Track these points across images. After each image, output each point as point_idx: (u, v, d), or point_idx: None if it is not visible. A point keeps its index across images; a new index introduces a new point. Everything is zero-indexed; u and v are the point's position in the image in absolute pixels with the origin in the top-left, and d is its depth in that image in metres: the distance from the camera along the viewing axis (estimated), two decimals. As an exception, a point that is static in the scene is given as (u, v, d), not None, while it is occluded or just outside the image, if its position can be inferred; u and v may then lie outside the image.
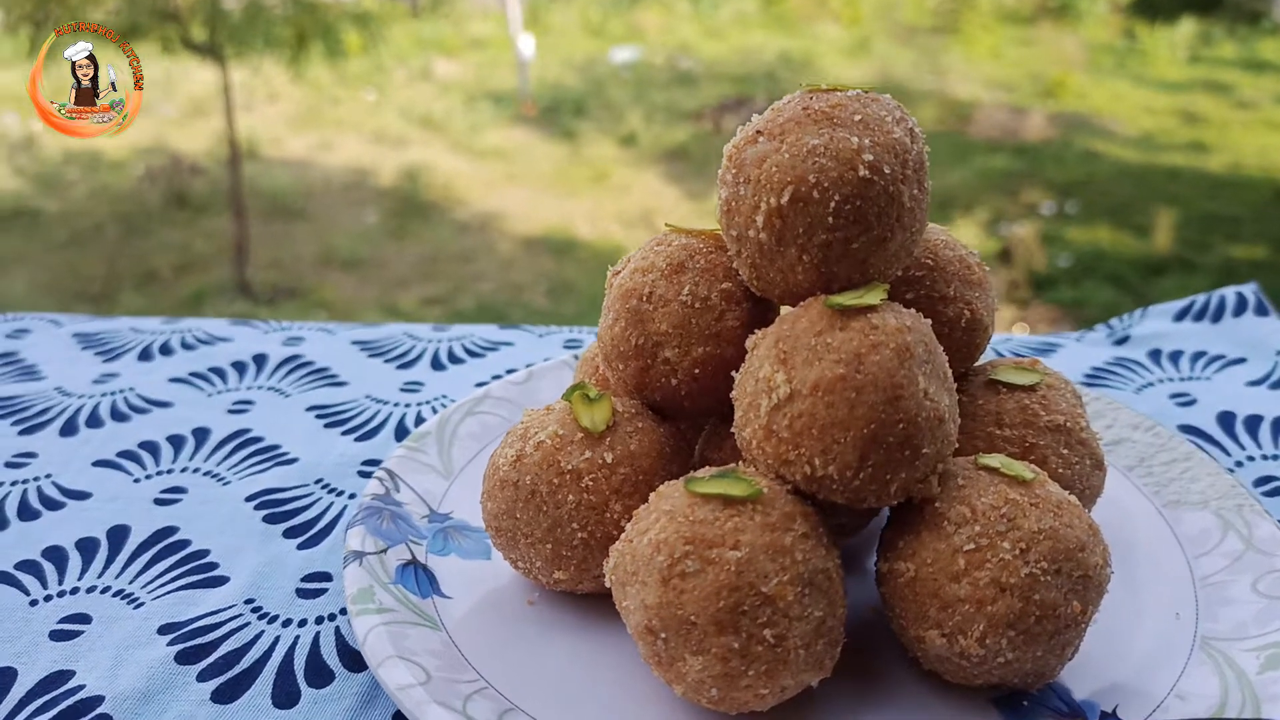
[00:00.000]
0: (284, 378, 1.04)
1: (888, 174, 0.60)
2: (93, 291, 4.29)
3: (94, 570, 0.76)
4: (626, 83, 7.00)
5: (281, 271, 4.62)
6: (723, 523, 0.58)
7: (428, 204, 5.19)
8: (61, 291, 4.25)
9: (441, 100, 6.74)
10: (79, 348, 1.10)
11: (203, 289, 4.41)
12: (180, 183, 5.35)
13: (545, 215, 4.94)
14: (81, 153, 5.58)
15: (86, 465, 0.89)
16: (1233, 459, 0.89)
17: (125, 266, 4.53)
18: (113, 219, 4.99)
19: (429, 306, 4.16)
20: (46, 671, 0.66)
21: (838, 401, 0.58)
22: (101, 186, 5.34)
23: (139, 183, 5.43)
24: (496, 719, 0.59)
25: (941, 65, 7.38)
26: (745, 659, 0.56)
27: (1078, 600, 0.58)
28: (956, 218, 4.84)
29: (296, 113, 6.48)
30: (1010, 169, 5.50)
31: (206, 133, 5.78)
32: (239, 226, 4.71)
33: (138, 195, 5.30)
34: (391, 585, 0.69)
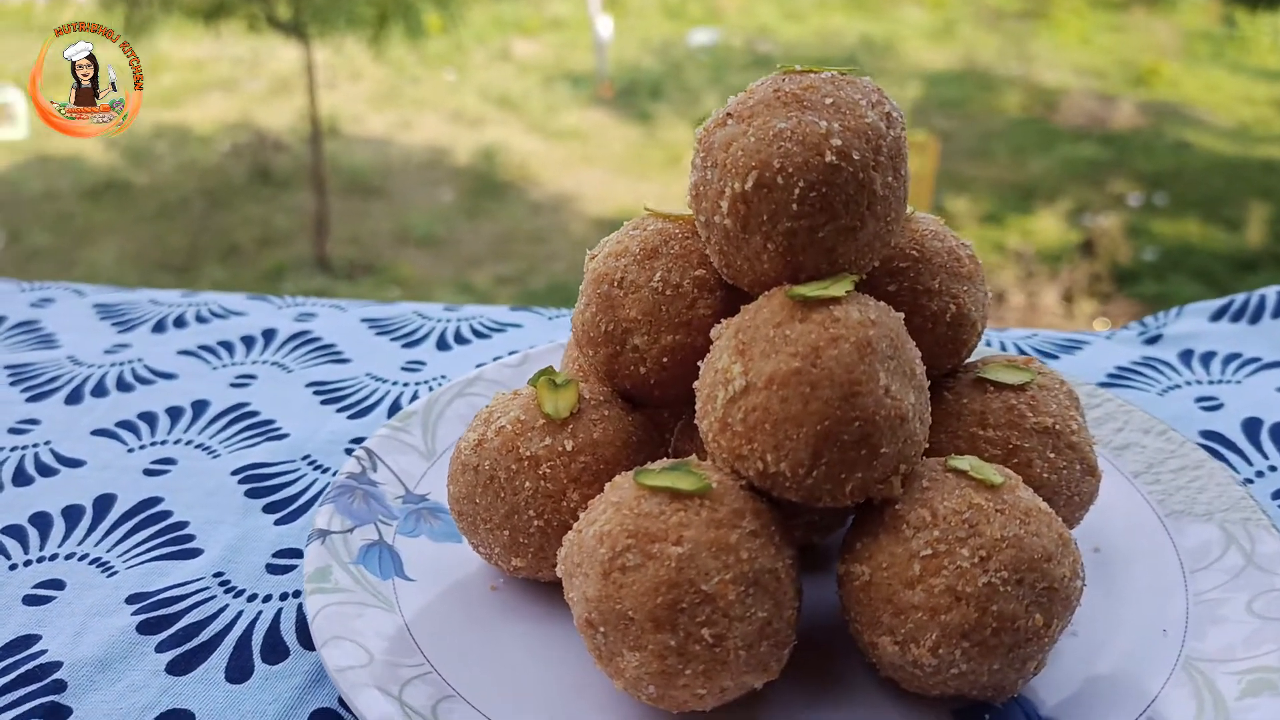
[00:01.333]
0: (290, 353, 1.05)
1: (857, 160, 0.58)
2: (177, 263, 4.40)
3: (75, 538, 0.77)
4: (704, 65, 6.94)
5: (359, 248, 4.70)
6: (668, 517, 0.56)
7: (503, 184, 5.22)
8: (147, 262, 4.37)
9: (519, 81, 6.77)
10: (98, 318, 1.12)
11: (283, 263, 4.50)
12: (264, 158, 5.45)
13: (618, 197, 4.93)
14: (171, 127, 5.72)
15: (86, 434, 0.90)
16: (1254, 468, 0.84)
17: (209, 239, 4.64)
18: (198, 193, 5.12)
19: (502, 285, 4.19)
20: (14, 635, 0.67)
21: (792, 396, 0.55)
22: (189, 161, 5.47)
23: (224, 158, 5.55)
24: (432, 705, 0.58)
25: (1028, 51, 7.17)
26: (682, 658, 0.54)
27: (1040, 613, 0.55)
28: (1038, 208, 4.71)
29: (377, 91, 6.56)
30: (1097, 158, 5.32)
31: (290, 110, 5.89)
32: (319, 202, 4.79)
33: (223, 170, 5.43)
34: (352, 565, 0.69)
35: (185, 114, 5.96)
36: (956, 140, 5.63)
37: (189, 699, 0.62)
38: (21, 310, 1.13)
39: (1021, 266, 4.22)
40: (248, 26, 5.24)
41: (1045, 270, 4.15)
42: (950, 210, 4.73)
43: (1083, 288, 4.08)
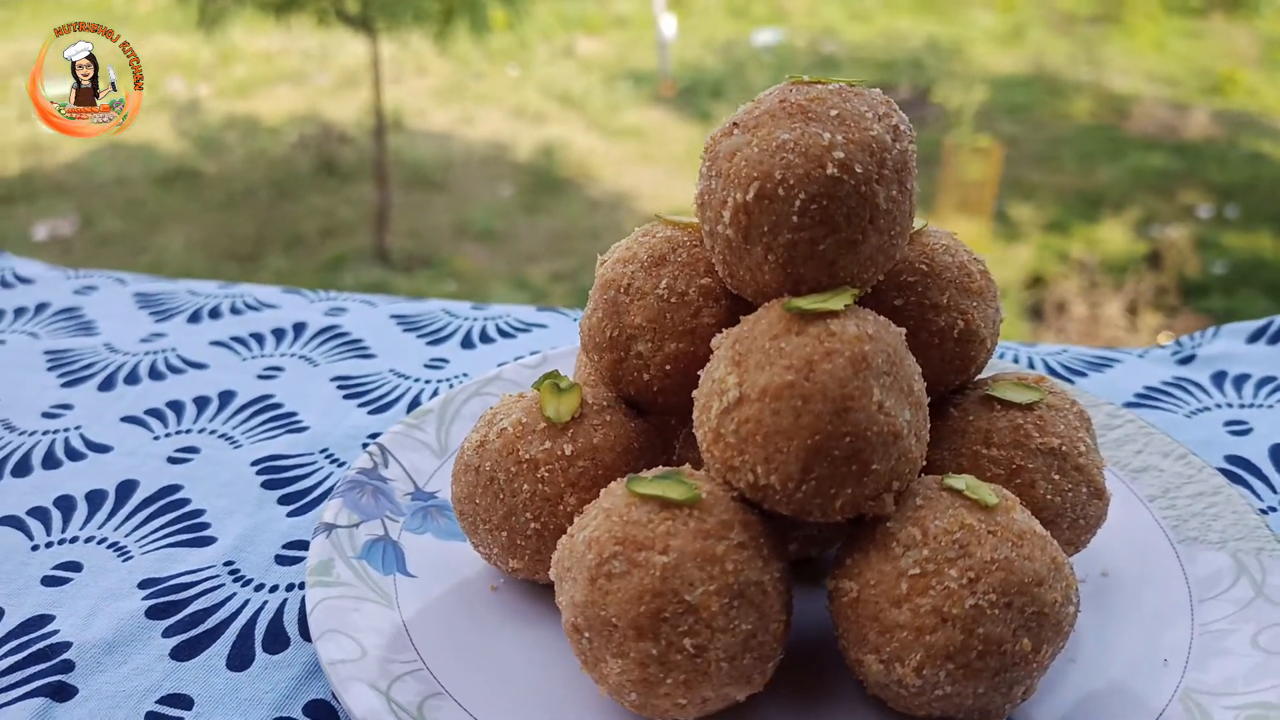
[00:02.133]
0: (317, 347, 1.07)
1: (859, 173, 0.57)
2: (243, 252, 4.49)
3: (95, 522, 0.79)
4: (767, 65, 6.90)
5: (418, 241, 4.75)
6: (656, 525, 0.56)
7: (562, 180, 5.25)
8: (214, 250, 4.45)
9: (581, 78, 6.79)
10: (137, 307, 1.15)
11: (343, 254, 4.56)
12: (329, 150, 5.53)
13: (675, 196, 4.92)
14: (241, 118, 5.83)
15: (115, 420, 0.93)
16: (1278, 496, 0.82)
17: (273, 229, 4.72)
18: (265, 183, 5.21)
19: (557, 281, 4.21)
20: (30, 614, 0.70)
21: (784, 409, 0.55)
22: (258, 151, 5.57)
23: (291, 149, 5.64)
24: (419, 702, 0.59)
25: (1100, 56, 7.02)
26: (664, 667, 0.55)
27: (1029, 638, 0.55)
28: (1105, 217, 4.61)
29: (442, 86, 6.63)
30: (1167, 168, 5.19)
31: (356, 103, 5.97)
32: (381, 195, 4.85)
33: (289, 161, 5.51)
34: (355, 560, 0.70)
35: (255, 105, 6.07)
36: (1022, 146, 5.53)
37: (190, 684, 0.64)
38: (65, 297, 1.17)
39: (1085, 276, 4.14)
40: (317, 20, 5.31)
41: (1109, 281, 4.07)
42: (1013, 217, 4.65)
43: (1147, 300, 3.99)
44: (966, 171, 5.11)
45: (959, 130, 5.64)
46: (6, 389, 0.98)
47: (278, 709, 0.62)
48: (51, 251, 4.01)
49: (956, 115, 5.88)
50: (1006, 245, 4.41)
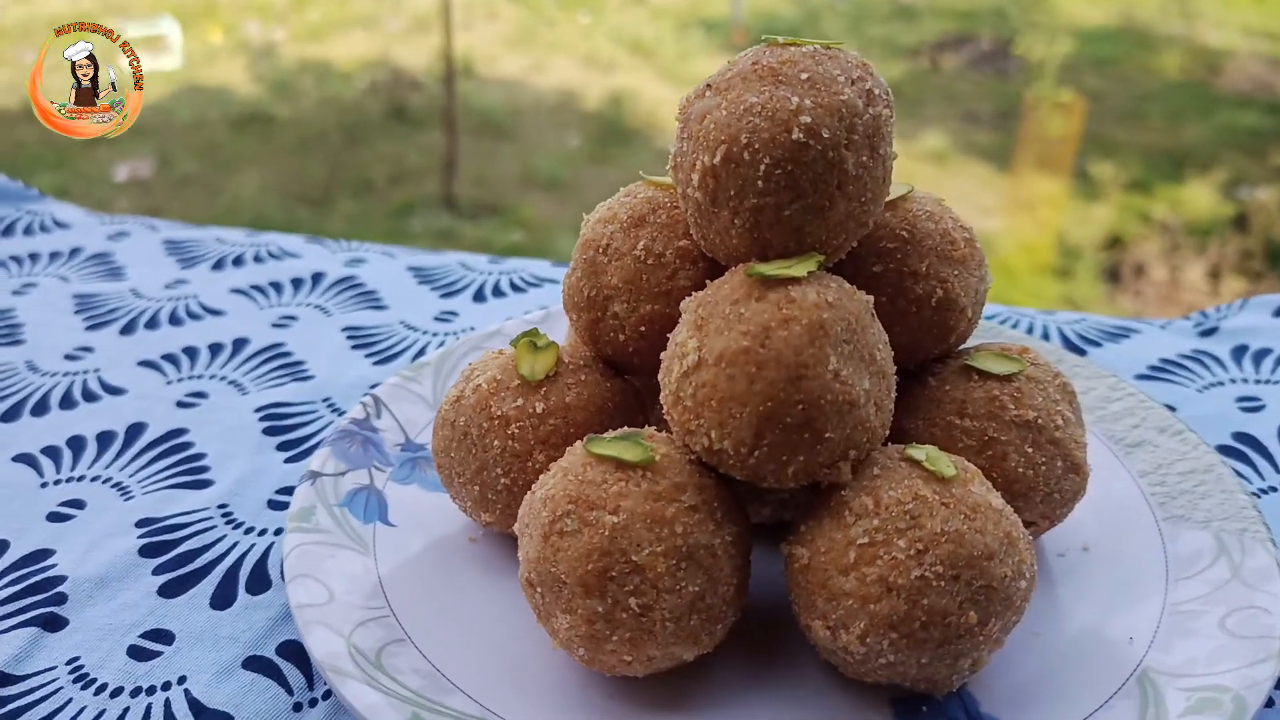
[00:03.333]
0: (333, 297, 1.09)
1: (826, 138, 0.57)
2: (314, 196, 4.54)
3: (103, 461, 0.82)
4: (843, 15, 6.74)
5: (485, 188, 4.76)
6: (609, 486, 0.57)
7: (630, 130, 5.21)
8: (286, 193, 4.49)
9: (652, 26, 6.71)
10: (165, 253, 1.18)
11: (412, 200, 4.60)
12: (400, 97, 5.55)
13: None
14: (314, 63, 5.88)
15: (132, 364, 0.96)
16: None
17: (344, 174, 4.77)
18: (337, 128, 5.24)
19: None
20: (33, 548, 0.73)
21: (738, 374, 0.55)
22: (330, 96, 5.60)
23: (362, 95, 5.67)
24: (379, 647, 0.61)
25: (1193, 9, 6.71)
26: (610, 624, 0.56)
27: (975, 611, 0.54)
28: (1190, 177, 4.45)
29: (512, 33, 6.60)
30: (1260, 127, 4.96)
31: (427, 49, 5.97)
32: (449, 142, 4.87)
33: (360, 106, 5.54)
34: (336, 507, 0.72)
35: (328, 50, 6.10)
36: (1107, 101, 5.33)
37: (173, 620, 0.67)
38: (99, 242, 1.21)
39: (1166, 238, 4.01)
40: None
41: (1192, 244, 3.93)
42: (1094, 176, 4.51)
43: (1232, 264, 3.85)
44: (1047, 127, 4.96)
45: (1041, 84, 5.46)
46: (34, 331, 1.02)
47: (253, 648, 0.65)
48: (132, 193, 4.08)
49: (1039, 68, 5.69)
50: (1085, 204, 4.28)
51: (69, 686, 0.62)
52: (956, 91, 5.35)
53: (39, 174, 4.01)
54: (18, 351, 0.98)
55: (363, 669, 0.58)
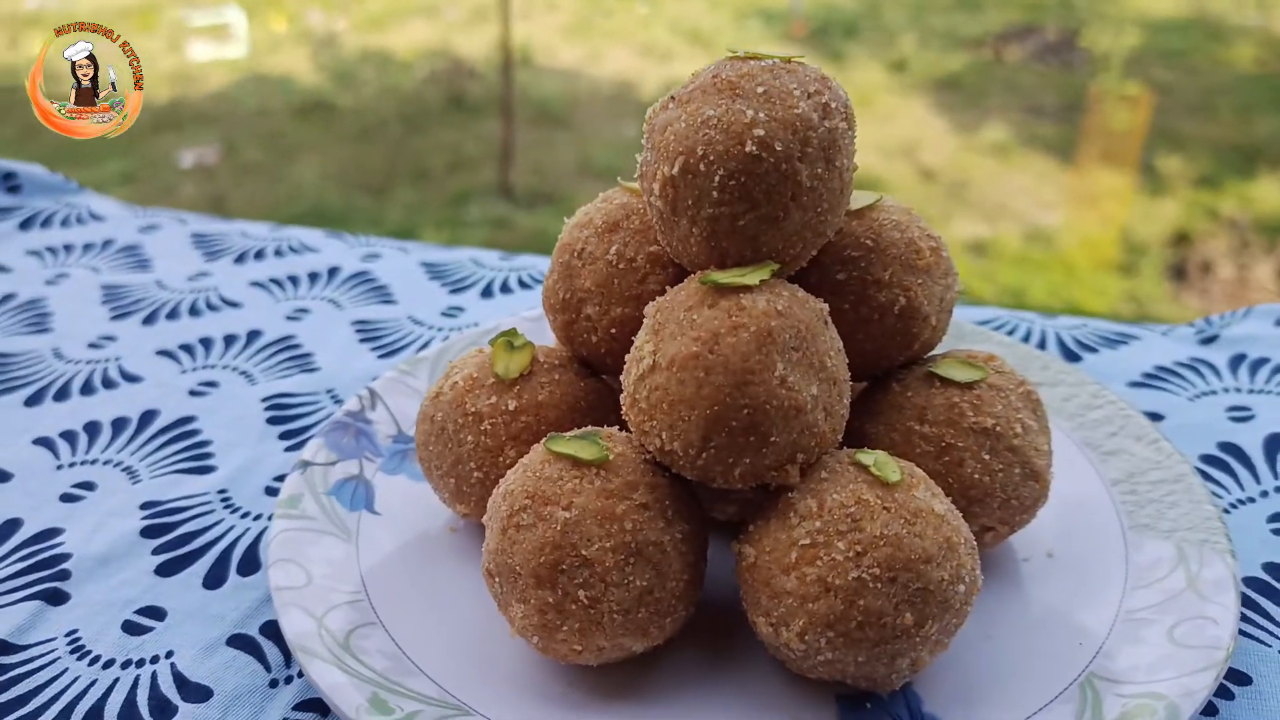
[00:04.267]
0: (347, 291, 1.12)
1: (779, 151, 0.58)
2: (372, 184, 4.62)
3: (115, 446, 0.87)
4: (905, 5, 6.67)
5: (541, 177, 4.80)
6: (564, 482, 0.59)
7: None
8: (346, 181, 4.57)
9: (711, 15, 6.69)
10: (192, 246, 1.23)
11: (468, 189, 4.65)
12: (458, 86, 5.61)
13: None
14: (375, 52, 5.96)
15: (151, 353, 1.01)
16: (1260, 487, 0.79)
17: (402, 162, 4.83)
18: (396, 117, 5.31)
19: None
20: (43, 527, 0.78)
21: (688, 379, 0.58)
22: (390, 85, 5.68)
23: (421, 84, 5.74)
24: (349, 630, 0.64)
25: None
26: (560, 614, 0.58)
27: (911, 613, 0.56)
28: (1262, 173, 4.33)
29: (570, 23, 6.63)
30: (1338, 122, 4.82)
31: (486, 39, 6.01)
32: (506, 131, 4.92)
33: (419, 95, 5.61)
34: (324, 496, 0.75)
35: (388, 39, 6.18)
36: (1175, 95, 5.21)
37: (166, 598, 0.71)
38: (130, 235, 1.26)
39: (1235, 236, 3.92)
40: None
41: (1262, 242, 3.84)
42: (1160, 170, 4.42)
43: (1304, 269, 3.75)
44: (1111, 120, 4.87)
45: (1107, 76, 5.35)
46: (63, 320, 1.07)
47: (238, 626, 0.68)
48: (197, 179, 4.17)
49: (1105, 60, 5.58)
50: (1151, 200, 4.20)
51: (66, 657, 0.66)
52: (1020, 83, 5.26)
53: (107, 160, 4.13)
54: (46, 339, 1.03)
55: (330, 649, 0.61)
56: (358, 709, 0.57)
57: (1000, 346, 0.91)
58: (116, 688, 0.64)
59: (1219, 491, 0.79)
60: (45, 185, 1.35)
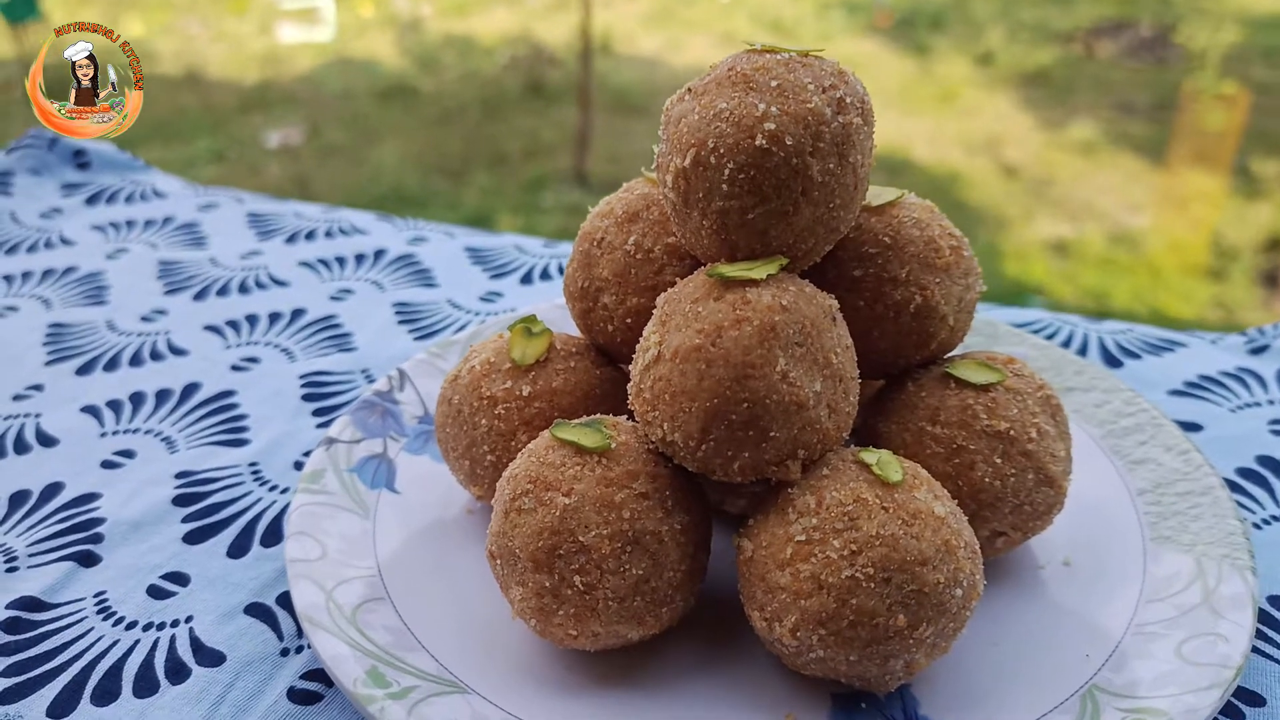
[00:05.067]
0: (391, 273, 1.15)
1: (790, 145, 0.58)
2: (450, 168, 4.67)
3: (158, 416, 0.90)
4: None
5: (617, 165, 4.81)
6: (566, 469, 0.60)
7: None
8: (425, 165, 4.63)
9: (794, 5, 6.63)
10: (247, 225, 1.27)
11: (544, 174, 4.68)
12: (538, 72, 5.65)
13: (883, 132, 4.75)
14: (458, 38, 6.03)
15: (199, 328, 1.04)
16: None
17: (480, 147, 4.88)
18: (476, 102, 5.36)
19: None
20: (83, 491, 0.81)
21: (690, 371, 0.58)
22: (471, 71, 5.74)
23: (502, 70, 5.79)
24: (357, 604, 0.66)
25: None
26: (556, 599, 0.59)
27: (904, 614, 0.56)
28: None
29: (651, 11, 6.62)
30: None
31: (566, 26, 6.05)
32: (584, 118, 4.94)
33: (499, 81, 5.66)
34: (346, 472, 0.77)
35: (471, 25, 6.24)
36: (1275, 94, 5.02)
37: (191, 565, 0.73)
38: (189, 212, 1.30)
39: None
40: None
41: None
42: (1255, 173, 4.27)
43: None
44: (1205, 120, 4.71)
45: (1202, 74, 5.18)
46: (119, 293, 1.11)
47: (256, 595, 0.71)
48: (282, 159, 4.26)
49: (1201, 57, 5.40)
50: (1245, 203, 4.06)
51: (92, 617, 0.69)
52: (1110, 80, 5.12)
53: (197, 138, 4.25)
54: (101, 311, 1.07)
55: (336, 622, 0.63)
56: (355, 680, 0.58)
57: (1035, 349, 0.90)
58: (136, 649, 0.66)
59: (1252, 507, 0.77)
60: (113, 162, 1.40)
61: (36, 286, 1.13)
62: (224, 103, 4.85)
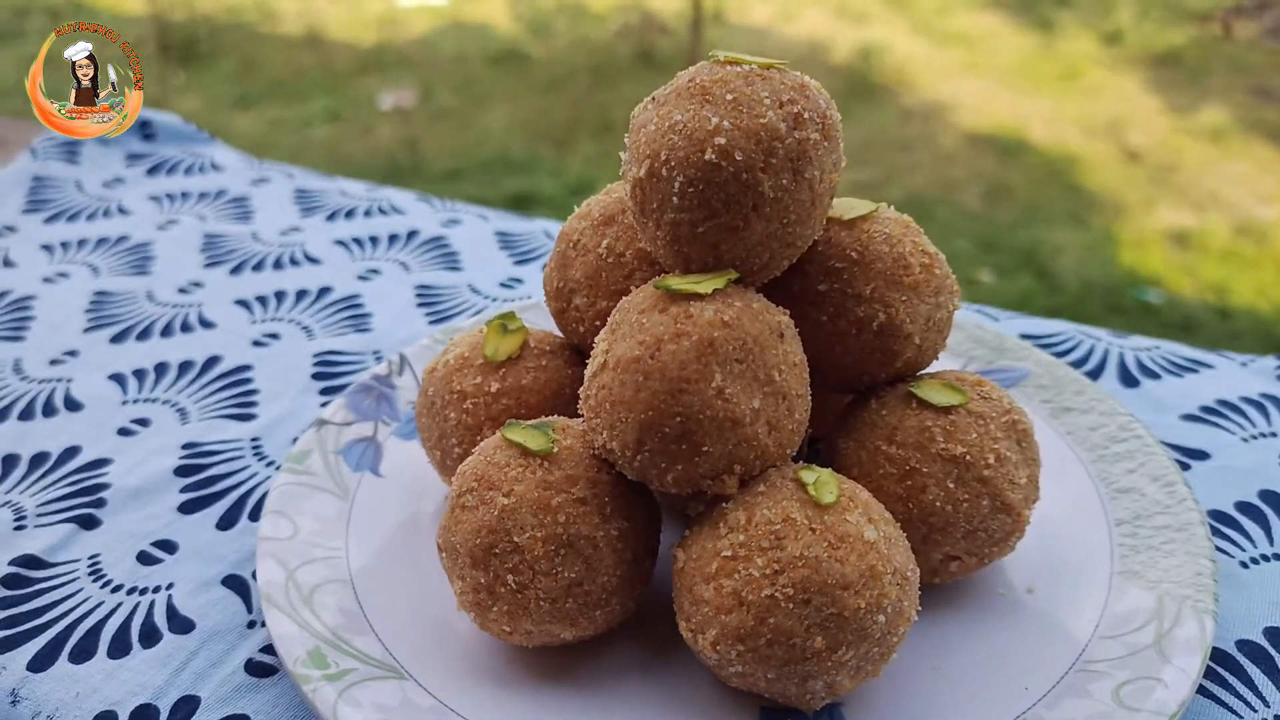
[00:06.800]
0: (420, 255, 1.17)
1: (739, 160, 0.58)
2: (557, 135, 4.71)
3: (177, 387, 0.95)
4: (1127, -30, 6.27)
5: None
6: (510, 469, 0.62)
7: (876, 86, 5.07)
8: (532, 131, 4.67)
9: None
10: (293, 201, 1.31)
11: None
12: (648, 41, 5.63)
13: (998, 111, 4.62)
14: (570, 4, 6.05)
15: (230, 302, 1.09)
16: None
17: (587, 115, 4.90)
18: (585, 69, 5.37)
19: (856, 191, 4.14)
20: (96, 457, 0.86)
21: (629, 381, 0.59)
22: (581, 38, 5.76)
23: (613, 37, 5.79)
24: (317, 584, 0.68)
25: None
26: (491, 595, 0.61)
27: (823, 637, 0.56)
28: None
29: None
30: None
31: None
32: None
33: (609, 49, 5.66)
34: (332, 454, 0.80)
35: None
36: None
37: (181, 534, 0.77)
38: (241, 186, 1.35)
39: None
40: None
41: None
42: None
43: None
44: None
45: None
46: (164, 266, 1.16)
47: (235, 567, 0.74)
48: (394, 122, 4.35)
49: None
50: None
51: (84, 578, 0.73)
52: (1248, 62, 4.87)
53: (314, 97, 4.36)
54: (144, 281, 1.13)
55: (290, 600, 0.66)
56: (296, 660, 0.61)
57: (1038, 365, 0.87)
58: (117, 612, 0.70)
59: (1243, 544, 0.74)
60: (178, 134, 1.46)
61: (90, 254, 1.19)
62: (341, 64, 4.96)
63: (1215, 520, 0.77)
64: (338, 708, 0.58)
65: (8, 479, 0.83)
